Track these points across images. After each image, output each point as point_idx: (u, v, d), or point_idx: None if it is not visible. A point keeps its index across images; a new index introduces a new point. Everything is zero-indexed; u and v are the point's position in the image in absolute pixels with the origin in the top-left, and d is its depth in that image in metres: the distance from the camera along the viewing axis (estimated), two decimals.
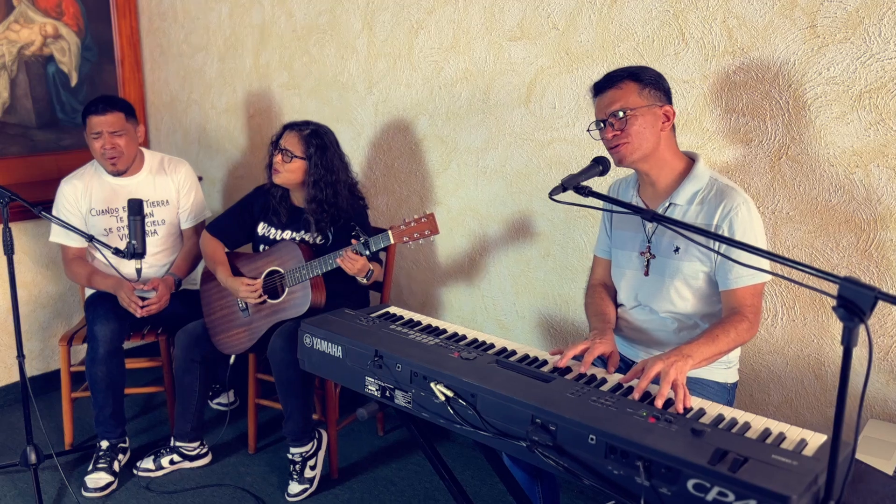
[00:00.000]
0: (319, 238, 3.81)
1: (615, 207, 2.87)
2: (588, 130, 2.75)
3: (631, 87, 2.63)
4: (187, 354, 3.87)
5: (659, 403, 2.21)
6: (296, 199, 3.89)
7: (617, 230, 2.94)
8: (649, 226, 2.80)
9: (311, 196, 3.74)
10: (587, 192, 2.46)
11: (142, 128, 4.21)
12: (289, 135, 3.77)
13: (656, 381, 2.34)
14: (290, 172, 3.73)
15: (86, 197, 4.15)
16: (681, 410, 2.20)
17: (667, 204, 2.72)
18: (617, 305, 2.98)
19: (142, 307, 3.94)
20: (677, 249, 2.71)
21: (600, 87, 2.69)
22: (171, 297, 4.09)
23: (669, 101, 2.68)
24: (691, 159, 2.75)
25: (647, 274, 2.80)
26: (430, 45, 3.89)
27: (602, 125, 2.67)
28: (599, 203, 2.82)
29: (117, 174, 4.11)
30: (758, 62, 2.89)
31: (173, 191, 4.27)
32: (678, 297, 2.74)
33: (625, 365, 2.90)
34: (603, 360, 2.64)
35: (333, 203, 3.74)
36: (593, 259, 3.11)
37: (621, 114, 2.60)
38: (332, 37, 4.32)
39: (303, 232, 3.83)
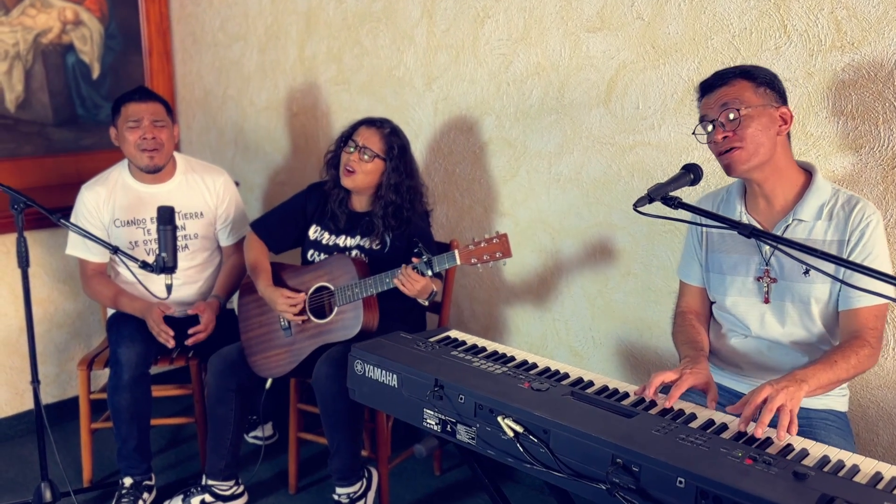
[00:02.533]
0: (377, 243, 3.87)
1: (705, 220, 2.88)
2: (693, 133, 2.79)
3: (744, 84, 2.67)
4: (221, 382, 3.94)
5: (759, 433, 2.26)
6: (357, 203, 3.97)
7: (717, 253, 2.96)
8: (765, 247, 2.82)
9: (389, 201, 3.82)
10: (677, 204, 2.50)
11: (177, 127, 4.32)
12: (367, 131, 3.85)
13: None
14: (366, 174, 3.81)
15: (109, 205, 4.21)
16: (782, 437, 2.25)
17: (790, 220, 2.75)
18: (721, 336, 3.01)
19: (184, 335, 4.02)
20: (808, 271, 2.73)
21: (709, 86, 2.73)
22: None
23: (785, 102, 2.72)
24: (807, 170, 2.79)
25: (767, 301, 2.83)
26: (498, 36, 3.95)
27: (711, 126, 2.70)
28: (689, 216, 2.79)
29: (154, 170, 4.16)
30: (870, 59, 2.92)
31: (209, 202, 4.33)
32: (810, 323, 2.77)
33: (723, 397, 2.93)
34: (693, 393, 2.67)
35: (409, 210, 3.84)
36: (680, 284, 3.15)
37: (732, 115, 2.64)
38: (387, 25, 4.40)
39: (359, 237, 3.90)
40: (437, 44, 4.20)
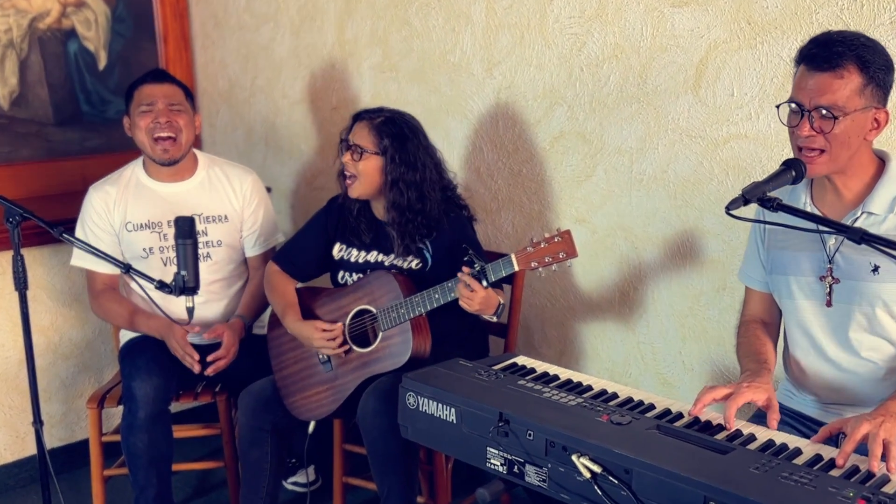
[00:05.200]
0: (415, 262, 3.91)
1: (802, 224, 2.91)
2: (777, 106, 2.85)
3: (854, 79, 2.68)
4: (254, 421, 4.00)
5: (874, 466, 2.34)
6: (377, 210, 4.02)
7: (777, 250, 3.03)
8: (830, 241, 2.88)
9: (391, 202, 3.85)
10: (776, 206, 2.57)
11: (199, 117, 4.37)
12: (358, 126, 3.90)
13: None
14: (364, 176, 3.85)
15: (120, 207, 4.28)
16: (893, 469, 2.32)
17: (858, 213, 2.82)
18: (787, 349, 3.09)
19: (205, 363, 4.07)
20: (877, 269, 2.79)
21: (815, 61, 2.73)
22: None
23: (886, 100, 2.76)
24: (881, 158, 2.85)
25: (829, 304, 2.89)
26: (569, 13, 4.00)
27: (800, 115, 2.74)
28: (790, 219, 2.79)
29: (169, 162, 4.23)
30: None
31: (235, 204, 4.40)
32: (881, 330, 2.83)
33: (797, 422, 3.01)
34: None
35: (420, 210, 3.83)
36: (745, 290, 3.22)
37: (825, 112, 2.68)
38: (439, 2, 4.47)
39: (393, 255, 3.95)
40: (498, 23, 4.24)
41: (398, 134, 3.85)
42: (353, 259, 4.03)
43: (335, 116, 5.06)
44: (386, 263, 3.94)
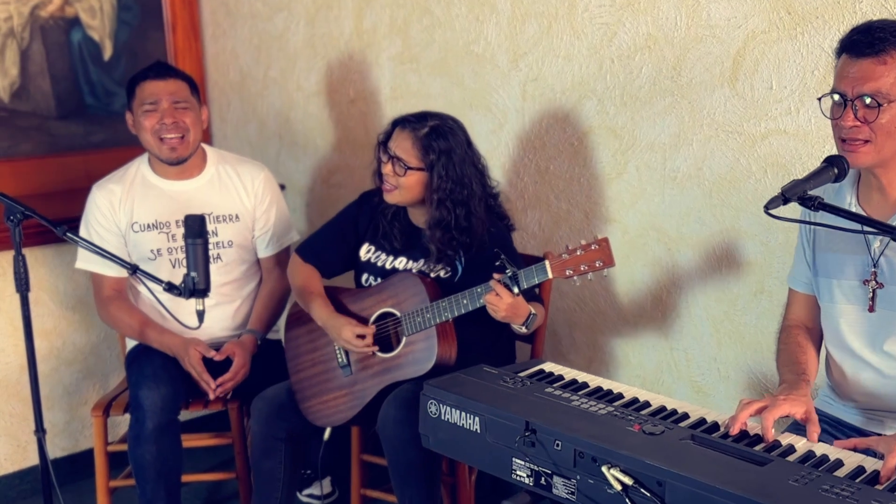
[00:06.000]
0: (444, 270, 3.92)
1: (849, 225, 2.93)
2: (819, 98, 2.84)
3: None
4: (268, 430, 4.03)
5: None
6: (414, 216, 4.01)
7: (822, 252, 3.04)
8: (875, 243, 2.89)
9: (436, 219, 3.82)
10: (817, 205, 2.58)
11: (206, 110, 4.38)
12: (400, 135, 3.85)
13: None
14: (407, 189, 3.83)
15: (126, 206, 4.29)
16: None
17: None
18: (830, 355, 3.10)
19: (215, 387, 4.10)
20: None
21: (857, 47, 2.73)
22: None
23: None
24: None
25: (871, 309, 2.90)
26: (599, 2, 4.01)
27: (843, 105, 2.75)
28: (834, 220, 2.78)
29: (176, 162, 4.25)
30: None
31: (246, 202, 4.41)
32: None
33: (837, 430, 3.03)
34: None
35: (465, 228, 3.81)
36: (788, 293, 3.23)
37: (869, 101, 2.69)
38: None
39: (422, 261, 3.95)
40: (524, 12, 4.25)
41: (445, 149, 3.79)
42: (379, 264, 4.04)
43: (352, 110, 5.08)
44: (414, 271, 3.93)
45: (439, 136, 3.80)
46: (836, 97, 2.76)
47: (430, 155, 3.78)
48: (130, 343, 4.45)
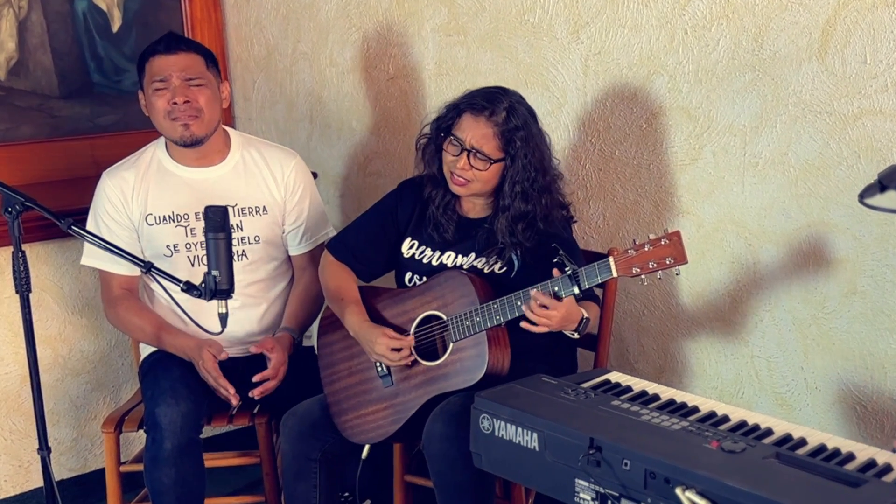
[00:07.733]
0: (498, 265, 3.92)
1: None
2: None
3: None
4: (300, 450, 4.02)
5: None
6: (469, 206, 4.01)
7: None
8: None
9: (519, 212, 3.79)
10: None
11: (227, 86, 4.36)
12: (474, 122, 3.79)
13: None
14: (484, 182, 3.81)
15: (139, 196, 4.27)
16: None
17: None
18: None
19: (248, 382, 4.07)
20: None
21: None
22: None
23: None
24: None
25: None
26: None
27: None
28: None
29: (191, 143, 4.20)
30: None
31: (276, 194, 4.39)
32: None
33: None
34: None
35: (545, 217, 3.81)
36: None
37: None
38: None
39: (473, 255, 3.94)
40: None
41: (525, 136, 3.75)
42: (425, 260, 4.02)
43: (392, 88, 5.07)
44: (465, 267, 3.93)
45: (517, 119, 3.77)
46: None
47: (514, 144, 3.75)
48: (145, 351, 4.43)
